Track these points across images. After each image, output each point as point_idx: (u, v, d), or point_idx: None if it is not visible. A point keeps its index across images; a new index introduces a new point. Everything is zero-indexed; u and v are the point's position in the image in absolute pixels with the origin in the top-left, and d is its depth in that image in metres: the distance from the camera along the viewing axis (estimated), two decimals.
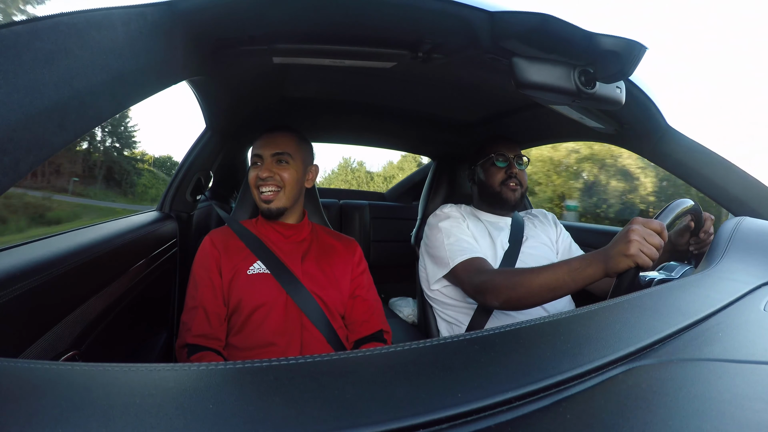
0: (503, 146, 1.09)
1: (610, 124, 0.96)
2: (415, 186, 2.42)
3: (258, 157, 0.89)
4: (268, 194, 0.87)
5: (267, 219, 0.91)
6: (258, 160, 0.89)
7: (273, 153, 0.88)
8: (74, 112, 0.35)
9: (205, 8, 0.52)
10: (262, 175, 0.87)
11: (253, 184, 0.89)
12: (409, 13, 0.58)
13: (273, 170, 0.87)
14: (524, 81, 0.59)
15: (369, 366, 0.26)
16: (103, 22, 0.38)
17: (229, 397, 0.21)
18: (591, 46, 0.56)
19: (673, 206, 0.72)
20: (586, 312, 0.38)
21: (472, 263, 0.92)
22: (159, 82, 0.50)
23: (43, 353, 0.54)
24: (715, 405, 0.25)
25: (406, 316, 1.51)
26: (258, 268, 0.85)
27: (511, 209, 1.09)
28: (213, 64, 0.66)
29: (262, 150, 0.89)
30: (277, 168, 0.87)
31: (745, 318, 0.40)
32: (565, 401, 0.24)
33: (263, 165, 0.88)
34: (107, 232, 0.81)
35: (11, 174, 0.30)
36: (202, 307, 0.81)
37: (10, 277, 0.49)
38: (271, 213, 0.89)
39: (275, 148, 0.88)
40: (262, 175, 0.87)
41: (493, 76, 0.83)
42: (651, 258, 0.63)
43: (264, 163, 0.88)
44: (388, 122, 1.41)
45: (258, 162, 0.89)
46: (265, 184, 0.87)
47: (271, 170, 0.87)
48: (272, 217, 0.90)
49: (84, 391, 0.20)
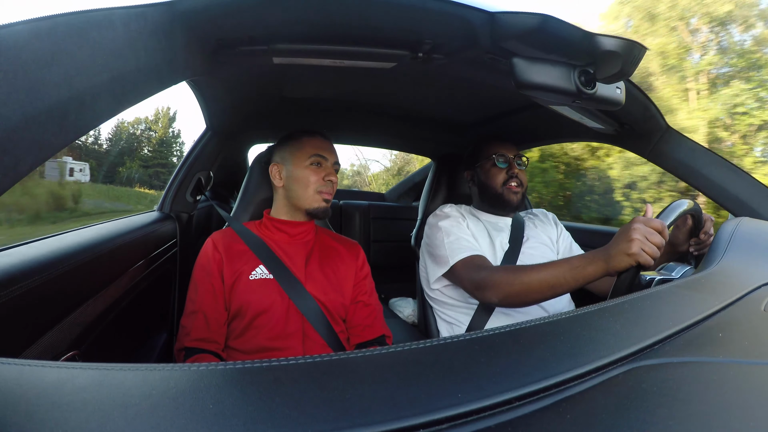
0: (502, 147, 1.09)
1: (610, 125, 0.96)
2: (415, 186, 2.42)
3: (323, 158, 0.90)
4: (329, 196, 0.90)
5: (309, 217, 0.92)
6: (322, 161, 0.90)
7: (335, 161, 0.92)
8: (74, 112, 0.35)
9: (205, 9, 0.52)
10: (332, 179, 0.89)
11: (314, 185, 0.89)
12: (409, 14, 0.58)
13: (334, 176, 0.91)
14: (524, 81, 0.59)
15: (369, 366, 0.26)
16: (103, 23, 0.38)
17: (229, 397, 0.21)
18: (591, 47, 0.56)
19: (674, 206, 0.72)
20: (586, 312, 0.38)
21: (472, 260, 0.92)
22: (159, 83, 0.50)
23: (43, 353, 0.54)
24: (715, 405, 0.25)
25: (406, 317, 1.50)
26: (260, 273, 0.84)
27: (512, 210, 1.09)
28: (213, 64, 0.67)
29: (327, 154, 0.90)
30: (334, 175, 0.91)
31: (745, 318, 0.40)
32: (565, 401, 0.24)
33: (327, 168, 0.90)
34: (107, 232, 0.81)
35: (11, 174, 0.30)
36: (201, 311, 0.80)
37: (10, 277, 0.49)
38: (326, 213, 0.91)
39: (335, 156, 0.92)
40: (333, 179, 0.89)
41: (493, 76, 0.83)
42: (652, 257, 0.63)
43: (328, 167, 0.90)
44: (388, 122, 1.41)
45: (321, 163, 0.89)
46: (330, 187, 0.90)
47: (334, 175, 0.90)
48: (318, 217, 0.92)
49: (84, 391, 0.20)
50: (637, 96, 0.83)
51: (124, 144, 28.71)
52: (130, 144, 29.38)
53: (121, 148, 28.44)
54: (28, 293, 0.50)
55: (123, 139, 29.11)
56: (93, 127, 0.39)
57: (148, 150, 28.14)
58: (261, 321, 0.81)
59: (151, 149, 27.44)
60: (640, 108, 0.88)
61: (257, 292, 0.82)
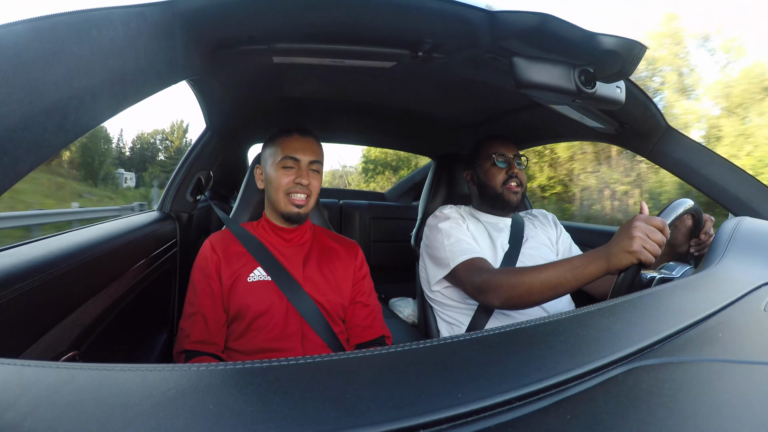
0: (502, 146, 1.09)
1: (610, 124, 0.96)
2: (415, 186, 2.42)
3: (294, 160, 0.85)
4: (301, 199, 0.85)
5: (288, 222, 0.88)
6: (294, 164, 0.85)
7: (311, 160, 0.86)
8: (74, 112, 0.35)
9: (205, 8, 0.52)
10: (302, 181, 0.84)
11: (284, 188, 0.85)
12: (409, 13, 0.58)
13: (309, 177, 0.86)
14: (524, 81, 0.59)
15: (369, 366, 0.26)
16: (103, 22, 0.38)
17: (229, 397, 0.21)
18: (591, 46, 0.56)
19: (675, 205, 0.72)
20: (586, 312, 0.38)
21: (473, 263, 0.92)
22: (159, 82, 0.50)
23: (43, 353, 0.54)
24: (715, 405, 0.25)
25: (406, 317, 1.50)
26: (259, 275, 0.83)
27: (512, 210, 1.09)
28: (213, 64, 0.66)
29: (300, 154, 0.85)
30: (311, 176, 0.86)
31: (745, 318, 0.40)
32: (565, 401, 0.24)
33: (300, 170, 0.85)
34: (107, 232, 0.81)
35: (11, 174, 0.30)
36: (200, 313, 0.80)
37: (10, 277, 0.49)
38: (299, 218, 0.87)
39: (312, 155, 0.87)
40: (303, 181, 0.84)
41: (493, 76, 0.83)
42: (653, 254, 0.63)
43: (301, 169, 0.85)
44: (388, 122, 1.41)
45: (293, 166, 0.85)
46: (300, 190, 0.85)
47: (308, 177, 0.85)
48: (293, 222, 0.88)
49: (84, 391, 0.20)
50: (637, 95, 0.83)
51: (148, 153, 32.80)
52: (154, 153, 33.54)
53: (144, 156, 32.35)
54: (28, 293, 0.50)
55: (146, 147, 32.56)
56: (93, 126, 0.39)
57: (165, 157, 32.46)
58: (260, 323, 0.81)
59: (167, 156, 32.00)
60: (641, 107, 0.87)
61: (256, 294, 0.82)
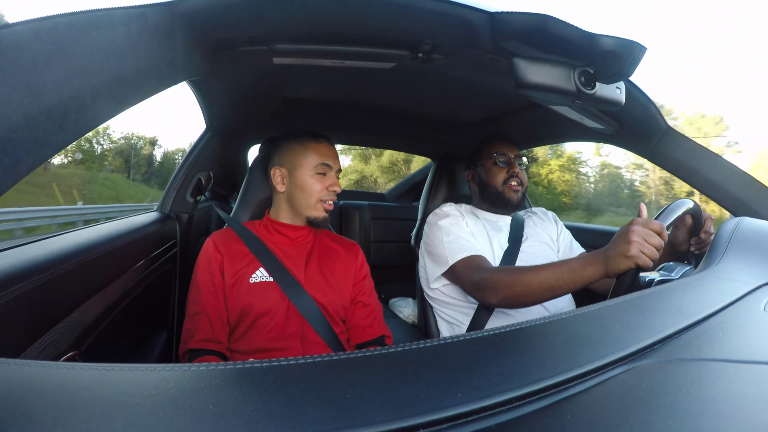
0: (503, 146, 1.09)
1: (610, 125, 0.96)
2: (415, 186, 2.42)
3: (328, 167, 0.88)
4: (331, 205, 0.89)
5: (311, 225, 0.91)
6: (327, 170, 0.88)
7: (339, 168, 0.90)
8: (74, 112, 0.35)
9: (205, 9, 0.52)
10: (337, 189, 0.88)
11: (318, 194, 0.87)
12: (409, 14, 0.58)
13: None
14: (524, 81, 0.59)
15: (369, 366, 0.26)
16: (103, 23, 0.38)
17: (229, 397, 0.21)
18: (591, 47, 0.56)
19: (673, 207, 0.72)
20: (586, 312, 0.38)
21: (472, 261, 0.92)
22: (159, 83, 0.50)
23: (43, 353, 0.54)
24: (715, 405, 0.25)
25: (406, 317, 1.51)
26: (261, 276, 0.84)
27: (513, 209, 1.09)
28: (213, 64, 0.67)
29: (332, 161, 0.89)
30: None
31: (745, 318, 0.40)
32: (565, 401, 0.24)
33: (332, 177, 0.89)
34: (107, 232, 0.81)
35: (11, 174, 0.30)
36: (205, 312, 0.80)
37: (10, 277, 0.49)
38: (325, 222, 0.90)
39: (338, 163, 0.91)
40: (337, 189, 0.88)
41: (493, 76, 0.83)
42: (651, 259, 0.63)
43: (332, 176, 0.89)
44: (388, 122, 1.41)
45: (325, 172, 0.88)
46: (333, 197, 0.89)
47: (338, 184, 0.90)
48: (317, 225, 0.91)
49: (84, 391, 0.20)
50: (637, 96, 0.83)
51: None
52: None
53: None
54: (28, 293, 0.50)
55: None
56: (93, 127, 0.39)
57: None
58: (261, 323, 0.81)
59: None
60: (640, 108, 0.87)
61: (258, 295, 0.82)
